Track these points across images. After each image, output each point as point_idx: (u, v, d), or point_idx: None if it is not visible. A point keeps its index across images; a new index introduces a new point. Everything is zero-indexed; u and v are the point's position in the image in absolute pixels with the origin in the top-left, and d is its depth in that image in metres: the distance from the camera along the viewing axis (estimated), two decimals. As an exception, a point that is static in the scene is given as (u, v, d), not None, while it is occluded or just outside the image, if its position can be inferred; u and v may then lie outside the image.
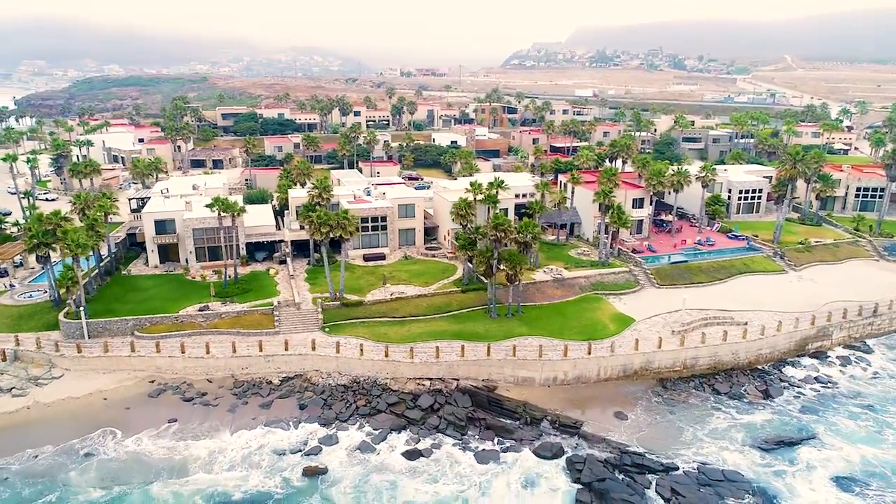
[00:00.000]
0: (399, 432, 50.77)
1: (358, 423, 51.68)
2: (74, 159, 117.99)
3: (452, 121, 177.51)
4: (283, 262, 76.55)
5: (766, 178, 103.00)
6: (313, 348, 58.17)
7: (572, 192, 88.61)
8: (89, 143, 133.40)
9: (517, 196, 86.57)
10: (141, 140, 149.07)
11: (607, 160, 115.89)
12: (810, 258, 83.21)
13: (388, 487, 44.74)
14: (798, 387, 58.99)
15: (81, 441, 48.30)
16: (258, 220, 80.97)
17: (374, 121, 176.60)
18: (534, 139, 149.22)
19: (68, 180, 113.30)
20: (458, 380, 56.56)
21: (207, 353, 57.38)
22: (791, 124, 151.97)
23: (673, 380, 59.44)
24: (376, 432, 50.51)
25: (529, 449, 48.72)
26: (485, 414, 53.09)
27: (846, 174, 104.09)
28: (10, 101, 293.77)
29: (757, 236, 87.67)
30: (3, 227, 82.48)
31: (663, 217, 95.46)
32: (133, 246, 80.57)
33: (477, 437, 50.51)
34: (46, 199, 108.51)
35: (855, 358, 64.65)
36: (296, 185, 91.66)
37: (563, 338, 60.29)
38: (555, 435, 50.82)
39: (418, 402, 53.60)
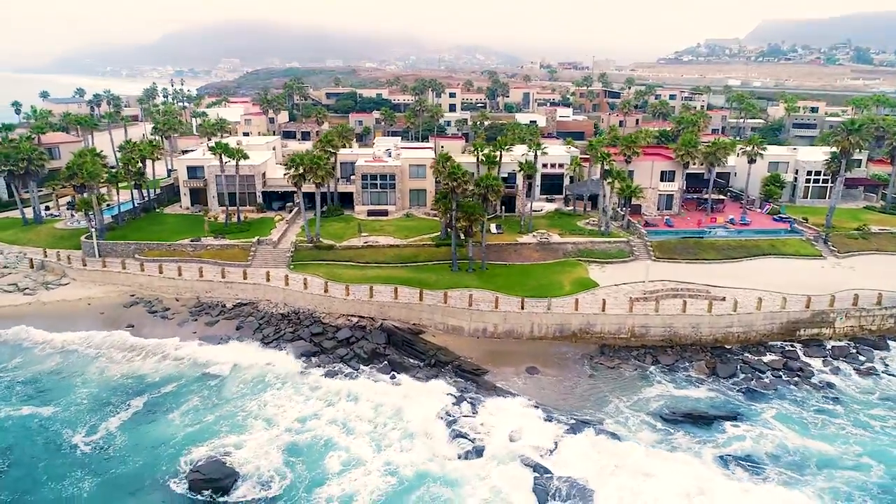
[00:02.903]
0: (308, 358, 53.09)
1: (277, 346, 54.81)
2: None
3: (548, 104, 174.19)
4: (292, 211, 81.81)
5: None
6: (268, 280, 62.27)
7: (590, 163, 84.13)
8: (204, 115, 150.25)
9: (544, 166, 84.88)
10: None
11: (672, 139, 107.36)
12: (863, 246, 71.66)
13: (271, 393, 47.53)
14: (759, 370, 51.86)
15: (54, 330, 56.75)
16: (281, 173, 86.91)
17: (471, 102, 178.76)
18: (619, 122, 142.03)
19: (174, 141, 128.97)
20: (386, 320, 57.44)
21: (179, 275, 63.86)
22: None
23: (616, 347, 55.26)
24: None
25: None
26: (393, 351, 53.60)
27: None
28: (193, 90, 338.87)
29: (807, 219, 77.22)
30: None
31: (705, 195, 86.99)
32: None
33: (375, 370, 51.34)
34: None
35: (857, 351, 55.14)
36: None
37: (508, 294, 58.51)
38: (449, 377, 50.04)
39: (337, 335, 55.49)
